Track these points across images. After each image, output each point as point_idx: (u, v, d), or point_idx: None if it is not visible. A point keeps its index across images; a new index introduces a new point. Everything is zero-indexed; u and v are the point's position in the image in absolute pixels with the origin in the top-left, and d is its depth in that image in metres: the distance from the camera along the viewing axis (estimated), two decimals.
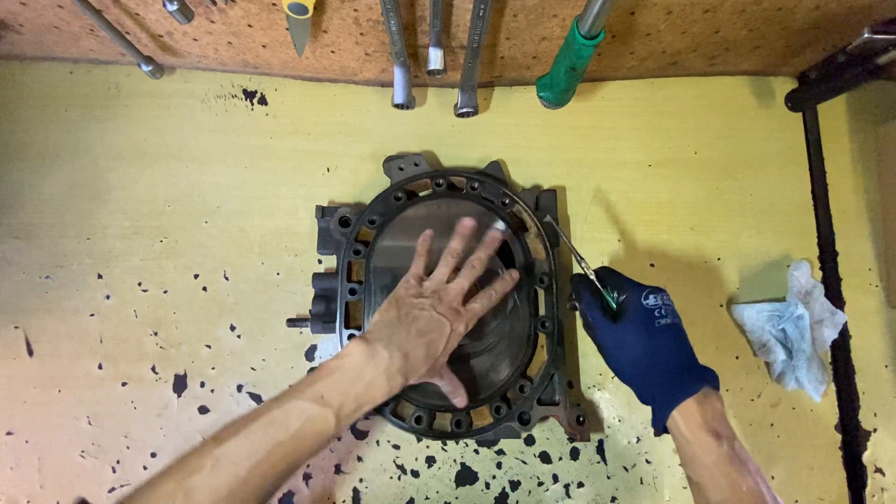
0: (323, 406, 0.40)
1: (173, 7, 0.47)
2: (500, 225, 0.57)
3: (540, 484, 0.57)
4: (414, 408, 0.54)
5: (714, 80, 0.67)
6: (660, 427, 0.42)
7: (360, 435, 0.57)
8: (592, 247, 0.62)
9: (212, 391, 0.57)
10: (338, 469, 0.56)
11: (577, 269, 0.61)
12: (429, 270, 0.50)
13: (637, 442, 0.58)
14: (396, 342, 0.43)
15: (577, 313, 0.51)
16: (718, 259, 0.63)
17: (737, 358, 0.61)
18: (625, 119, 0.66)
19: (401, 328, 0.44)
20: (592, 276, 0.49)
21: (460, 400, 0.50)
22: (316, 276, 0.58)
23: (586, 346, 0.60)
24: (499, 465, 0.57)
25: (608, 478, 0.58)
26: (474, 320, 0.48)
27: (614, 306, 0.48)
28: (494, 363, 0.55)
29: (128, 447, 0.56)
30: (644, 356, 0.44)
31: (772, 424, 0.60)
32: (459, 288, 0.48)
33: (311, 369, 0.57)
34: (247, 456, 0.38)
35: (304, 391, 0.40)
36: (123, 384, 0.57)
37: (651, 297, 0.45)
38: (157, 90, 0.63)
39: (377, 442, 0.57)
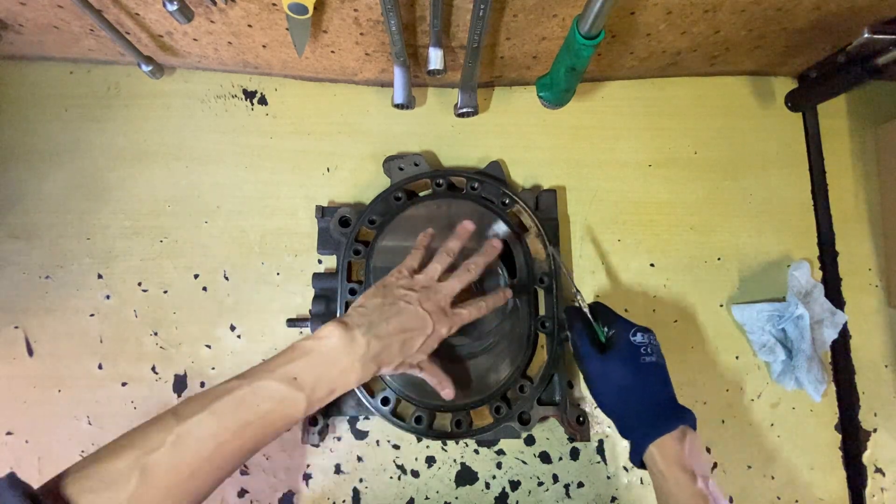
0: (296, 389, 0.39)
1: (173, 7, 0.47)
2: (502, 227, 0.57)
3: (540, 484, 0.57)
4: (414, 408, 0.54)
5: (714, 80, 0.67)
6: (637, 460, 0.44)
7: (359, 435, 0.57)
8: (593, 247, 0.62)
9: None
10: (338, 469, 0.56)
11: (573, 303, 0.61)
12: (423, 266, 0.50)
13: None
14: (375, 331, 0.43)
15: (569, 344, 0.53)
16: (718, 259, 0.63)
17: (737, 358, 0.61)
18: (625, 119, 0.66)
19: (381, 316, 0.44)
20: (586, 308, 0.50)
21: (448, 392, 0.49)
22: (316, 276, 0.58)
23: None
24: (499, 465, 0.57)
25: (608, 478, 0.58)
26: (458, 326, 0.48)
27: (603, 339, 0.49)
28: (494, 363, 0.55)
29: None
30: (627, 389, 0.45)
31: (772, 424, 0.60)
32: (451, 289, 0.48)
33: None
34: (212, 435, 0.36)
35: (276, 371, 0.39)
36: (123, 384, 0.57)
37: (639, 334, 0.47)
38: (157, 90, 0.63)
39: (377, 442, 0.57)
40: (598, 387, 0.47)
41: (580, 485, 0.57)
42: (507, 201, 0.58)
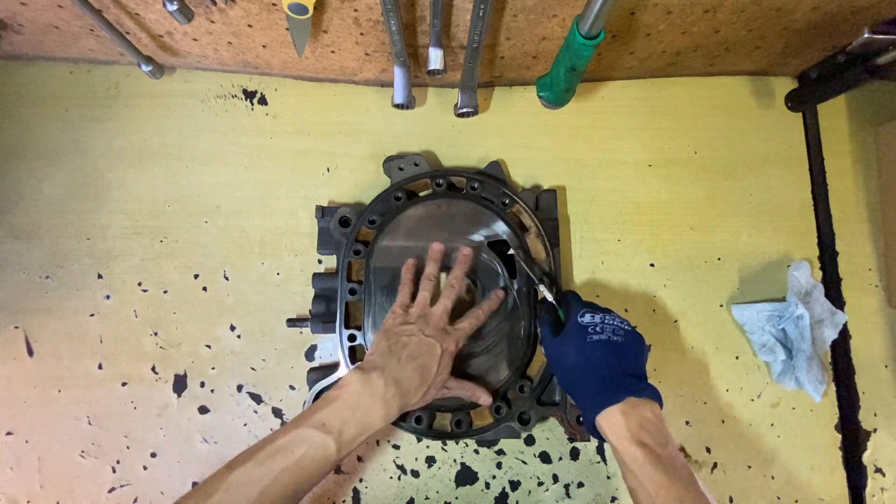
0: (324, 433, 0.43)
1: (173, 7, 0.47)
2: (501, 226, 0.57)
3: (540, 484, 0.57)
4: None
5: (714, 80, 0.67)
6: (590, 431, 0.45)
7: None
8: (593, 247, 0.62)
9: (212, 391, 0.57)
10: (338, 469, 0.56)
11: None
12: (414, 298, 0.53)
13: None
14: (389, 370, 0.46)
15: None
16: (718, 259, 0.63)
17: (737, 358, 0.61)
18: (625, 119, 0.66)
19: (392, 357, 0.47)
20: (550, 297, 0.53)
21: (484, 398, 0.52)
22: (316, 276, 0.58)
23: None
24: (499, 465, 0.57)
25: (608, 478, 0.58)
26: (464, 339, 0.51)
27: (563, 322, 0.50)
28: (494, 363, 0.55)
29: (128, 447, 0.56)
30: (574, 368, 0.47)
31: (772, 424, 0.60)
32: (443, 308, 0.51)
33: (311, 369, 0.57)
34: (256, 480, 0.40)
35: (308, 419, 0.44)
36: (123, 384, 0.57)
37: (587, 315, 0.48)
38: (157, 90, 0.63)
39: (377, 442, 0.57)
40: (553, 367, 0.51)
41: (580, 485, 0.57)
42: (507, 201, 0.58)
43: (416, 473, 0.57)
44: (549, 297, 0.53)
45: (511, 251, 0.56)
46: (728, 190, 0.65)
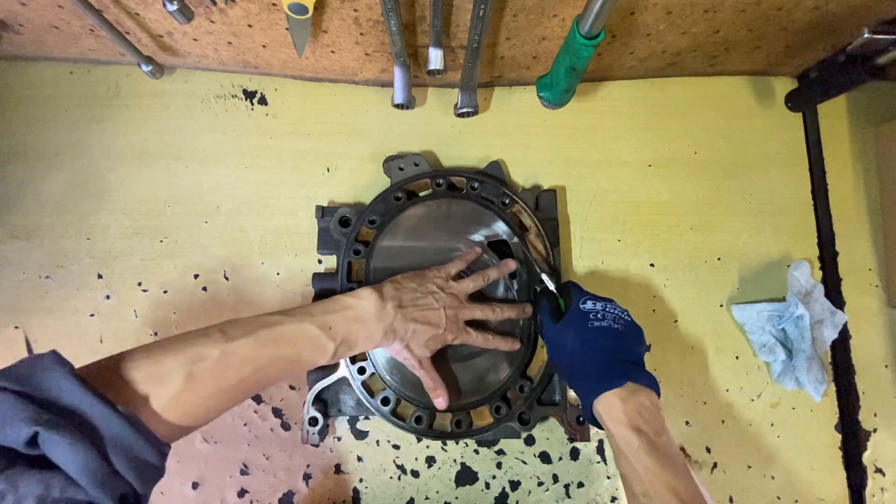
0: (328, 337, 0.43)
1: (173, 7, 0.47)
2: (501, 226, 0.57)
3: (540, 484, 0.57)
4: (414, 408, 0.54)
5: (714, 80, 0.67)
6: (588, 417, 0.45)
7: (360, 435, 0.57)
8: (593, 246, 0.62)
9: None
10: (338, 469, 0.56)
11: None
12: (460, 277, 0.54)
13: None
14: (403, 309, 0.48)
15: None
16: (718, 259, 0.63)
17: (737, 358, 0.61)
18: (625, 119, 0.66)
19: (412, 300, 0.49)
20: (552, 286, 0.53)
21: (441, 400, 0.52)
22: (316, 276, 0.58)
23: None
24: (499, 465, 0.57)
25: (608, 478, 0.58)
26: (462, 342, 0.52)
27: (563, 311, 0.51)
28: (494, 363, 0.55)
29: None
30: (574, 353, 0.47)
31: (772, 424, 0.60)
32: (470, 314, 0.53)
33: (311, 370, 0.57)
34: (252, 359, 0.40)
35: (317, 317, 0.44)
36: None
37: (589, 302, 0.48)
38: (157, 90, 0.63)
39: (377, 442, 0.57)
40: (551, 353, 0.51)
41: (580, 485, 0.57)
42: (507, 201, 0.58)
43: (416, 473, 0.57)
44: (552, 286, 0.53)
45: (514, 240, 0.57)
46: (728, 190, 0.65)
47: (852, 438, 0.60)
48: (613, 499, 0.57)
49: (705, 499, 0.40)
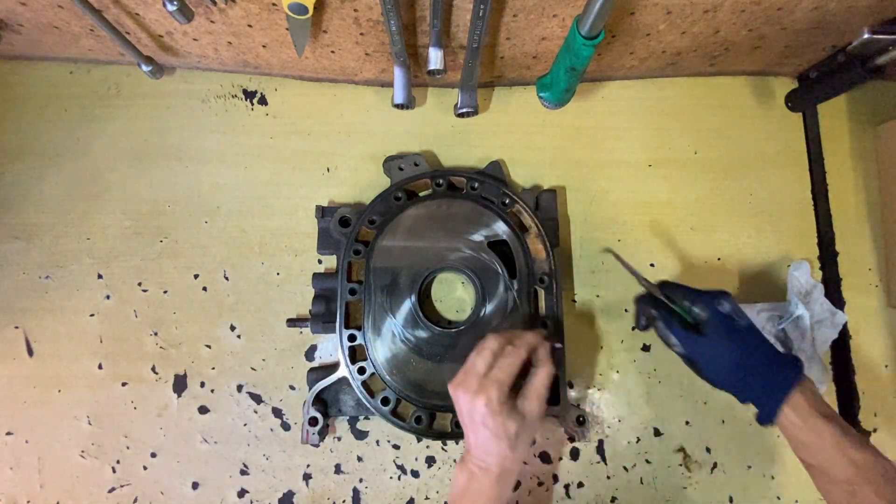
0: None
1: (173, 7, 0.47)
2: (501, 226, 0.57)
3: (540, 484, 0.57)
4: (414, 408, 0.54)
5: (714, 80, 0.67)
6: (769, 422, 0.44)
7: (360, 435, 0.57)
8: (593, 247, 0.62)
9: (212, 391, 0.57)
10: (338, 469, 0.56)
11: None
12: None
13: (637, 442, 0.58)
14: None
15: (657, 334, 0.50)
16: (718, 259, 0.63)
17: None
18: (625, 119, 0.66)
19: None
20: (663, 297, 0.48)
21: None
22: (316, 276, 0.58)
23: (586, 346, 0.60)
24: None
25: (608, 478, 0.58)
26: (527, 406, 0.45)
27: (689, 319, 0.47)
28: None
29: (128, 447, 0.56)
30: (737, 363, 0.45)
31: None
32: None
33: (311, 369, 0.57)
34: None
35: None
36: (123, 384, 0.57)
37: (725, 303, 0.46)
38: (157, 90, 0.63)
39: (377, 442, 0.57)
40: (708, 368, 0.47)
41: (580, 485, 0.57)
42: (507, 201, 0.58)
43: (416, 473, 0.57)
44: (663, 297, 0.48)
45: (614, 254, 0.53)
46: (728, 190, 0.65)
47: None
48: (613, 499, 0.57)
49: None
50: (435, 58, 0.53)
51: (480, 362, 0.44)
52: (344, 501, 0.56)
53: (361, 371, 0.54)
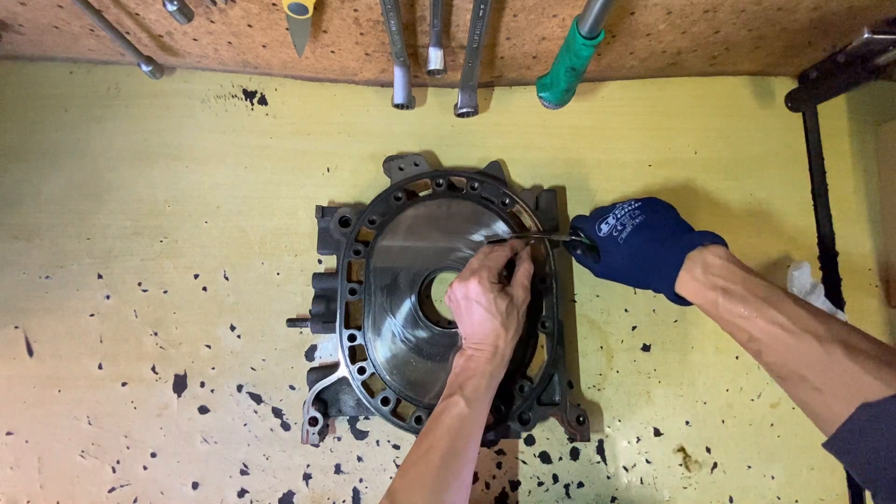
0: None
1: (173, 7, 0.47)
2: (501, 226, 0.57)
3: (540, 484, 0.57)
4: (414, 408, 0.54)
5: (714, 80, 0.67)
6: (678, 302, 0.45)
7: (360, 435, 0.57)
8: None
9: (212, 391, 0.57)
10: (338, 469, 0.56)
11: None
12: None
13: (637, 442, 0.58)
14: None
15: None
16: None
17: (737, 358, 0.61)
18: (625, 119, 0.66)
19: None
20: (566, 237, 0.55)
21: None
22: (316, 276, 0.58)
23: (586, 346, 0.60)
24: (499, 465, 0.57)
25: (608, 478, 0.58)
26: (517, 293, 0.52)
27: (594, 245, 0.52)
28: None
29: (128, 447, 0.56)
30: (631, 269, 0.49)
31: (772, 424, 0.60)
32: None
33: (311, 369, 0.57)
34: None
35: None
36: (123, 384, 0.57)
37: (602, 224, 0.50)
38: (157, 90, 0.63)
39: (377, 442, 0.57)
40: (617, 280, 0.52)
41: (580, 485, 0.57)
42: (507, 201, 0.58)
43: None
44: (564, 237, 0.55)
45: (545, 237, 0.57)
46: (728, 190, 0.65)
47: None
48: (613, 499, 0.57)
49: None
50: (435, 58, 0.53)
51: (474, 260, 0.52)
52: (344, 501, 0.56)
53: (361, 371, 0.54)
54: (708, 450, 0.59)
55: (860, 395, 0.32)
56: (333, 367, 0.56)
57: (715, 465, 0.58)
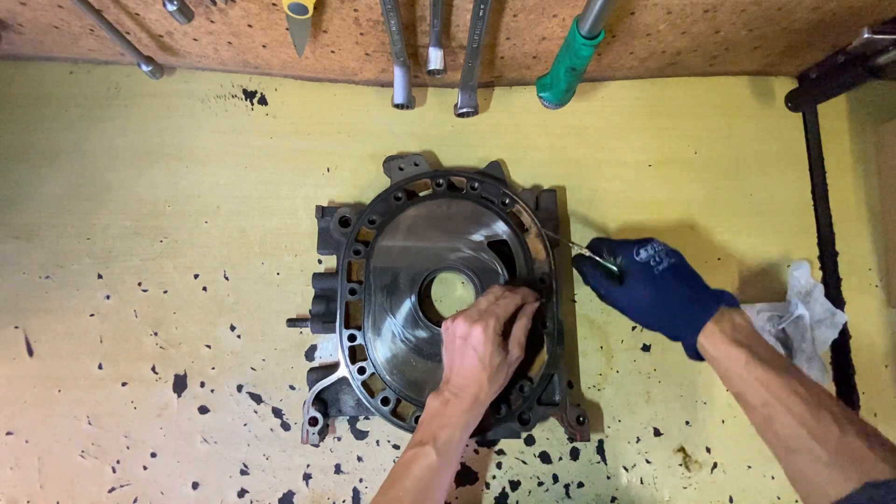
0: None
1: (173, 7, 0.47)
2: (501, 226, 0.57)
3: (540, 484, 0.57)
4: (414, 408, 0.54)
5: (714, 80, 0.67)
6: (694, 356, 0.45)
7: (360, 435, 0.57)
8: None
9: (212, 391, 0.57)
10: (338, 469, 0.56)
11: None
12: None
13: (637, 442, 0.58)
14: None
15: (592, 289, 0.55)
16: (718, 259, 0.63)
17: None
18: (625, 119, 0.66)
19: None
20: (588, 253, 0.53)
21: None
22: (316, 276, 0.58)
23: (586, 346, 0.60)
24: (499, 465, 0.57)
25: (608, 478, 0.58)
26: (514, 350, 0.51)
27: (615, 271, 0.51)
28: None
29: (128, 447, 0.56)
30: (656, 304, 0.47)
31: None
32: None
33: (311, 369, 0.57)
34: None
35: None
36: (123, 384, 0.57)
37: (642, 251, 0.48)
38: (157, 90, 0.63)
39: (377, 442, 0.57)
40: (632, 314, 0.50)
41: (580, 485, 0.57)
42: (507, 201, 0.58)
43: None
44: (588, 253, 0.52)
45: (543, 232, 0.57)
46: (728, 190, 0.65)
47: None
48: (613, 499, 0.57)
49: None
50: (435, 58, 0.53)
51: (484, 301, 0.50)
52: (344, 501, 0.56)
53: (361, 371, 0.54)
54: (708, 450, 0.59)
55: (866, 474, 0.34)
56: (333, 367, 0.56)
57: (715, 465, 0.58)
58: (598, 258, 0.52)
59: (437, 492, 0.44)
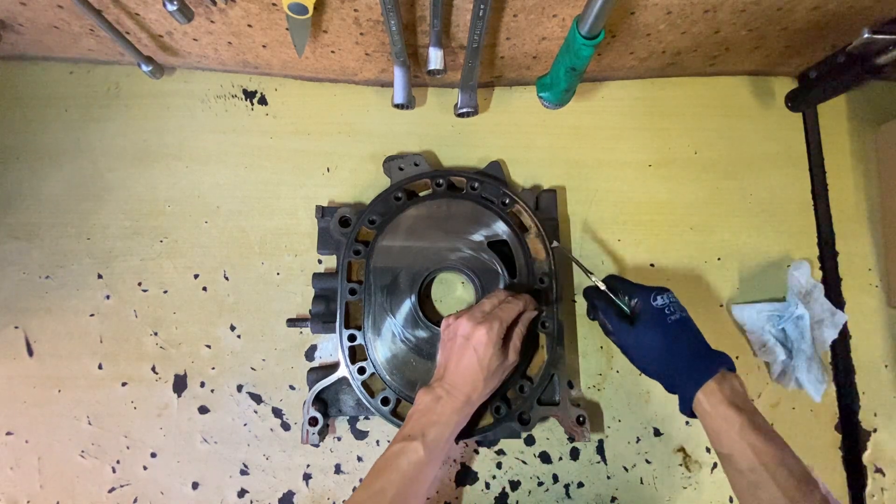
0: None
1: (173, 7, 0.47)
2: (501, 226, 0.57)
3: (540, 484, 0.57)
4: None
5: (714, 80, 0.67)
6: (687, 411, 0.45)
7: (360, 435, 0.57)
8: (593, 247, 0.62)
9: (212, 391, 0.57)
10: (338, 469, 0.56)
11: (587, 282, 0.61)
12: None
13: (637, 442, 0.58)
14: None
15: (598, 322, 0.55)
16: (718, 259, 0.63)
17: (737, 358, 0.61)
18: (625, 119, 0.66)
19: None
20: (604, 287, 0.52)
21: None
22: (316, 276, 0.58)
23: (586, 346, 0.60)
24: (499, 465, 0.57)
25: (608, 478, 0.58)
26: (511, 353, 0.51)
27: (627, 311, 0.50)
28: None
29: (128, 447, 0.56)
30: (663, 352, 0.47)
31: (772, 424, 0.59)
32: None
33: (311, 369, 0.57)
34: None
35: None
36: (123, 384, 0.57)
37: (659, 297, 0.48)
38: (157, 90, 0.63)
39: (377, 442, 0.57)
40: (636, 356, 0.49)
41: (580, 485, 0.57)
42: (507, 201, 0.58)
43: None
44: (604, 287, 0.52)
45: (555, 244, 0.56)
46: (728, 190, 0.65)
47: (852, 438, 0.60)
48: (613, 499, 0.57)
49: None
50: (435, 58, 0.53)
51: (488, 303, 0.50)
52: (344, 501, 0.56)
53: (361, 371, 0.54)
54: (708, 450, 0.59)
55: None
56: (333, 367, 0.56)
57: (715, 465, 0.58)
58: (612, 295, 0.51)
59: (421, 487, 0.45)
